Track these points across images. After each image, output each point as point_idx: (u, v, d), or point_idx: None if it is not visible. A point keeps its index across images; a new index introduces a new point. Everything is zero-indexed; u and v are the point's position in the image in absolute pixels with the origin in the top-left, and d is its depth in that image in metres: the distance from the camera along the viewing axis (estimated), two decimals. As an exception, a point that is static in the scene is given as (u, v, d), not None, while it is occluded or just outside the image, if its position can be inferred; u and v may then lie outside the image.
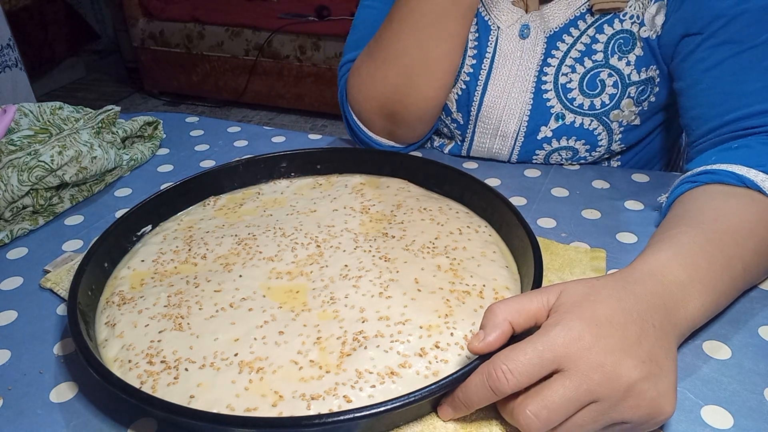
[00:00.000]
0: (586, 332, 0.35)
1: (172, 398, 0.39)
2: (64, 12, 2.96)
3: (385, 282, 0.48)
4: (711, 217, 0.47)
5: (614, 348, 0.35)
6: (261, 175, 0.64)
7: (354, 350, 0.42)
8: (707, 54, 0.57)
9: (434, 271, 0.49)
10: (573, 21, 0.64)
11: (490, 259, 0.51)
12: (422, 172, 0.62)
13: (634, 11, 0.62)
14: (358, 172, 0.65)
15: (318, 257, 0.52)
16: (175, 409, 0.36)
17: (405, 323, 0.44)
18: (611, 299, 0.38)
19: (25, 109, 0.70)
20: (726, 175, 0.51)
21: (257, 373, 0.40)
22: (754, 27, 0.54)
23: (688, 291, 0.41)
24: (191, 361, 0.42)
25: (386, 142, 0.72)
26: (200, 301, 0.47)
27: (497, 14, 0.67)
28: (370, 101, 0.70)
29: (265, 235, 0.55)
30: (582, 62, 0.65)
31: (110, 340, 0.45)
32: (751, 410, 0.40)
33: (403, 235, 0.54)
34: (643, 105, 0.66)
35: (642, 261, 0.43)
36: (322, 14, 2.56)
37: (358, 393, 0.39)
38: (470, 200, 0.59)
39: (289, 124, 2.75)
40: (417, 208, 0.57)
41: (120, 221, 0.55)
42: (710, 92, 0.57)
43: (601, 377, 0.34)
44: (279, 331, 0.44)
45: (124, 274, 0.52)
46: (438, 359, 0.41)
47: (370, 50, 0.69)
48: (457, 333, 0.43)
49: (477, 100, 0.70)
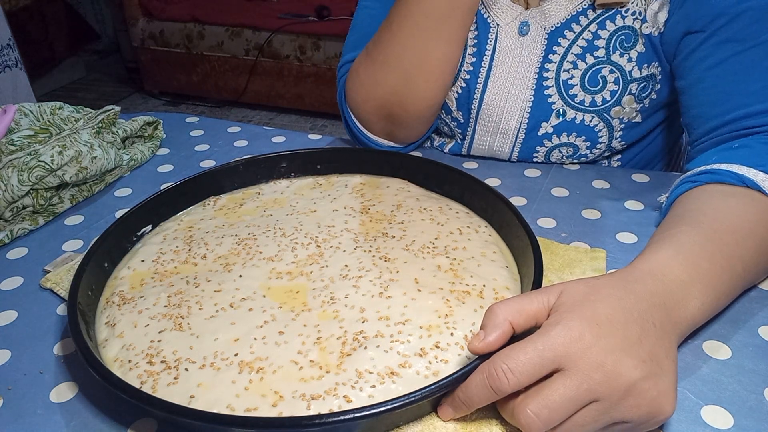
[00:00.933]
0: (587, 331, 0.35)
1: (172, 398, 0.39)
2: (64, 12, 2.96)
3: (385, 282, 0.48)
4: (711, 216, 0.47)
5: (615, 347, 0.35)
6: (261, 175, 0.65)
7: (354, 350, 0.42)
8: (709, 52, 0.57)
9: (434, 271, 0.49)
10: (575, 17, 0.64)
11: (490, 259, 0.51)
12: (422, 173, 0.62)
13: (637, 7, 0.62)
14: (358, 172, 0.65)
15: (318, 257, 0.52)
16: (175, 409, 0.36)
17: (405, 323, 0.44)
18: (611, 298, 0.38)
19: (25, 109, 0.70)
20: (726, 175, 0.51)
21: (257, 373, 0.40)
22: (756, 26, 0.54)
23: (688, 290, 0.41)
24: (191, 361, 0.42)
25: (385, 143, 0.72)
26: (200, 301, 0.47)
27: (496, 12, 0.67)
28: (369, 103, 0.70)
29: (265, 235, 0.55)
30: (584, 58, 0.65)
31: (110, 340, 0.45)
32: (751, 410, 0.40)
33: (403, 235, 0.54)
34: (644, 102, 0.66)
35: (642, 260, 0.43)
36: (322, 14, 2.56)
37: (358, 393, 0.39)
38: (470, 200, 0.59)
39: (289, 124, 2.75)
40: (417, 208, 0.57)
41: (120, 221, 0.55)
42: (711, 91, 0.57)
43: (601, 376, 0.34)
44: (279, 331, 0.44)
45: (124, 274, 0.52)
46: (438, 359, 0.41)
47: (368, 52, 0.69)
48: (457, 333, 0.43)
49: (477, 98, 0.70)
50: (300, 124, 2.73)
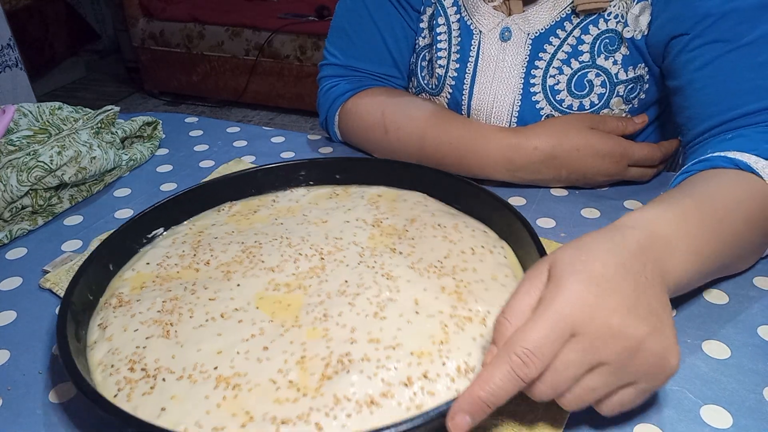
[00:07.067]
0: (588, 293, 0.34)
1: (144, 409, 0.38)
2: (64, 12, 2.96)
3: (383, 301, 0.45)
4: (702, 189, 0.48)
5: (617, 306, 0.34)
6: (279, 183, 0.63)
7: (336, 373, 0.40)
8: (697, 54, 0.57)
9: (437, 293, 0.46)
10: (559, 23, 0.64)
11: (500, 283, 0.48)
12: (443, 187, 0.60)
13: (618, 10, 0.62)
14: (378, 184, 0.63)
15: (320, 270, 0.50)
16: (133, 423, 0.36)
17: (395, 347, 0.41)
18: (602, 253, 0.37)
19: (24, 110, 0.70)
20: (719, 160, 0.51)
21: (233, 389, 0.39)
22: (744, 25, 0.54)
23: (676, 245, 0.40)
24: (170, 371, 0.41)
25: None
26: (192, 308, 0.46)
27: (479, 19, 0.67)
28: (364, 145, 0.74)
29: (270, 244, 0.54)
30: (569, 63, 0.65)
31: (99, 342, 0.44)
32: (751, 410, 0.40)
33: (411, 251, 0.51)
34: (633, 102, 0.66)
35: (629, 216, 0.42)
36: (322, 14, 2.56)
37: (330, 421, 0.37)
38: (489, 218, 0.56)
39: (289, 124, 2.75)
40: (431, 224, 0.55)
41: (130, 223, 0.54)
42: (703, 92, 0.57)
43: (608, 338, 0.34)
44: (264, 346, 0.42)
45: (128, 276, 0.51)
46: (424, 390, 0.38)
47: (385, 122, 0.70)
48: (449, 363, 0.40)
49: (465, 104, 0.70)
50: (300, 124, 2.73)
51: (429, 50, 0.73)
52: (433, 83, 0.73)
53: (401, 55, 0.76)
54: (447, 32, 0.70)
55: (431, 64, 0.73)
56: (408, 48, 0.75)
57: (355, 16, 0.74)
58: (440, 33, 0.70)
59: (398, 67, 0.76)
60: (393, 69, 0.76)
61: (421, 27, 0.73)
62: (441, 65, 0.71)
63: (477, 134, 0.64)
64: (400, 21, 0.73)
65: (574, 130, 0.62)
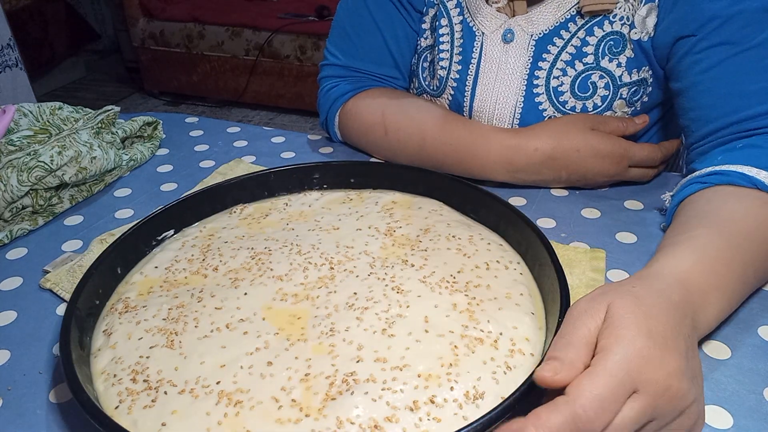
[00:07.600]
0: (652, 352, 0.34)
1: (144, 423, 0.38)
2: (64, 12, 2.96)
3: (392, 317, 0.44)
4: (727, 219, 0.48)
5: (676, 368, 0.34)
6: (292, 185, 0.62)
7: (340, 394, 0.38)
8: (704, 56, 0.57)
9: (448, 310, 0.44)
10: (563, 24, 0.64)
11: (515, 302, 0.46)
12: (459, 195, 0.58)
13: (624, 13, 0.62)
14: (393, 189, 0.61)
15: (328, 281, 0.48)
16: None
17: (402, 368, 0.40)
18: (657, 310, 0.36)
19: (24, 110, 0.70)
20: (736, 176, 0.51)
21: (234, 407, 0.38)
22: (750, 28, 0.54)
23: (708, 299, 0.41)
24: (173, 384, 0.40)
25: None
26: (198, 317, 0.45)
27: (481, 20, 0.67)
28: (363, 145, 0.74)
29: (280, 251, 0.52)
30: (573, 65, 0.65)
31: (103, 350, 0.44)
32: (751, 410, 0.40)
33: (424, 264, 0.49)
34: (635, 105, 0.66)
35: (666, 265, 0.42)
36: (322, 14, 2.56)
37: None
38: (505, 231, 0.54)
39: (289, 124, 2.75)
40: (445, 236, 0.53)
41: (139, 224, 0.54)
42: (709, 94, 0.57)
43: (668, 399, 0.34)
44: (268, 361, 0.41)
45: (135, 280, 0.51)
46: (430, 416, 0.37)
47: (386, 128, 0.70)
48: (457, 388, 0.38)
49: (467, 105, 0.70)
50: (300, 124, 2.73)
51: (431, 51, 0.73)
52: (434, 84, 0.73)
53: (402, 56, 0.76)
54: (449, 33, 0.70)
55: (433, 65, 0.73)
56: (409, 49, 0.76)
57: (356, 16, 0.74)
58: (443, 34, 0.70)
59: (399, 68, 0.76)
60: (394, 70, 0.76)
61: (423, 28, 0.73)
62: (443, 66, 0.71)
63: (477, 135, 0.64)
64: (402, 22, 0.73)
65: (575, 130, 0.62)
